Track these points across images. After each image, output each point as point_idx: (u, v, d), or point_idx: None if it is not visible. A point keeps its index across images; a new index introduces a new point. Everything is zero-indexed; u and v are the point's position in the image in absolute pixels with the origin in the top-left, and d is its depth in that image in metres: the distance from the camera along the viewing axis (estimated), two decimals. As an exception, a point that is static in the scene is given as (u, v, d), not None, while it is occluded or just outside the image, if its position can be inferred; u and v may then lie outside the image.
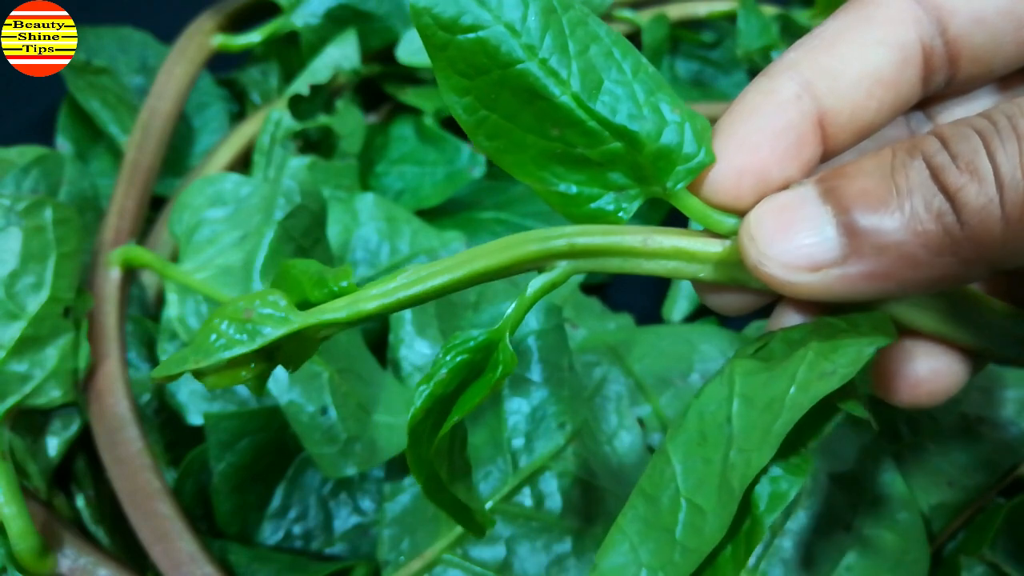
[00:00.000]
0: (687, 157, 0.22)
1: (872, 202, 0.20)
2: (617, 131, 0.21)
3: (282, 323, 0.21)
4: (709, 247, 0.22)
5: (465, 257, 0.22)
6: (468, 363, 0.22)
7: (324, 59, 0.48)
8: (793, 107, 0.23)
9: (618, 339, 0.40)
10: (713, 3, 0.55)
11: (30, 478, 0.35)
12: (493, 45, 0.21)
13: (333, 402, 0.35)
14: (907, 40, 0.24)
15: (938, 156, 0.20)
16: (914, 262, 0.20)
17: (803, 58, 0.23)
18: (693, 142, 0.22)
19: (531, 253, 0.22)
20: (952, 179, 0.19)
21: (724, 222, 0.22)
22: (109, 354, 0.38)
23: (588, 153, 0.22)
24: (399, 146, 0.52)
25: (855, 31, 0.24)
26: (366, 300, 0.21)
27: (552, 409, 0.34)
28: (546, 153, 0.22)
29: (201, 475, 0.37)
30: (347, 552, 0.37)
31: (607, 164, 0.22)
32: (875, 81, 0.23)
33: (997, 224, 0.19)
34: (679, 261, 0.22)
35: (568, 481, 0.34)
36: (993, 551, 0.32)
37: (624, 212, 0.23)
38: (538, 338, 0.35)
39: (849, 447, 0.36)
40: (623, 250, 0.22)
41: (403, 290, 0.21)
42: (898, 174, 0.20)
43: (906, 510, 0.34)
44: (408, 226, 0.44)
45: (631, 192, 0.22)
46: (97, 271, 0.40)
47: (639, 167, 0.22)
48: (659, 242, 0.22)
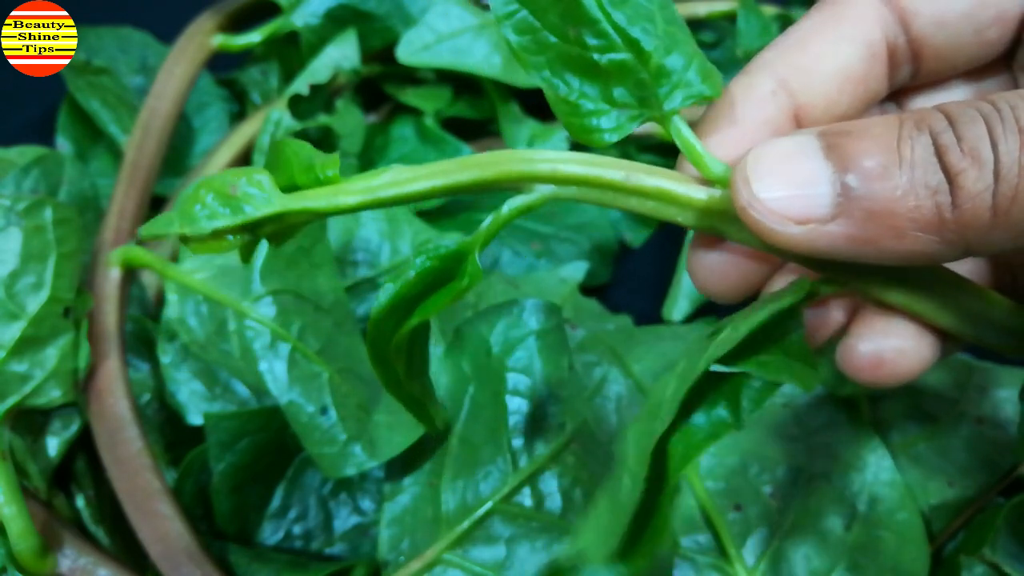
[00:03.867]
0: (689, 83, 0.23)
1: (874, 167, 0.20)
2: (628, 40, 0.22)
3: (264, 204, 0.22)
4: (693, 192, 0.23)
5: (451, 166, 0.22)
6: (436, 269, 0.23)
7: (324, 59, 0.48)
8: (770, 102, 0.24)
9: (617, 339, 0.40)
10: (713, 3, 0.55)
11: (30, 478, 0.35)
12: None
13: (333, 402, 0.35)
14: (874, 38, 0.25)
15: (944, 135, 0.20)
16: (898, 233, 0.20)
17: (778, 57, 0.24)
18: (697, 74, 0.23)
19: (514, 173, 0.23)
20: (955, 160, 0.20)
21: (713, 166, 0.23)
22: (109, 354, 0.38)
23: (599, 59, 0.22)
24: (399, 146, 0.52)
25: (826, 30, 0.25)
26: (347, 194, 0.22)
27: (552, 409, 0.34)
28: (563, 57, 0.23)
29: (201, 475, 0.37)
30: (347, 552, 0.37)
31: (614, 75, 0.23)
32: (845, 77, 0.24)
33: (986, 213, 0.20)
34: (661, 202, 0.23)
35: (568, 481, 0.34)
36: (993, 551, 0.32)
37: (620, 133, 0.23)
38: (538, 338, 0.35)
39: (849, 447, 0.36)
40: (605, 183, 0.23)
41: (385, 189, 0.22)
42: (904, 144, 0.20)
43: (906, 510, 0.34)
44: (409, 227, 0.44)
45: (631, 111, 0.23)
46: (97, 271, 0.40)
47: (642, 84, 0.23)
48: (641, 179, 0.23)
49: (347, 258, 0.43)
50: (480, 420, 0.35)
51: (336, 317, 0.38)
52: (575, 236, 0.49)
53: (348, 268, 0.43)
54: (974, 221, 0.20)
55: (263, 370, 0.35)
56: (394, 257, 0.43)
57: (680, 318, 0.46)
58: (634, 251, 0.52)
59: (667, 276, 0.48)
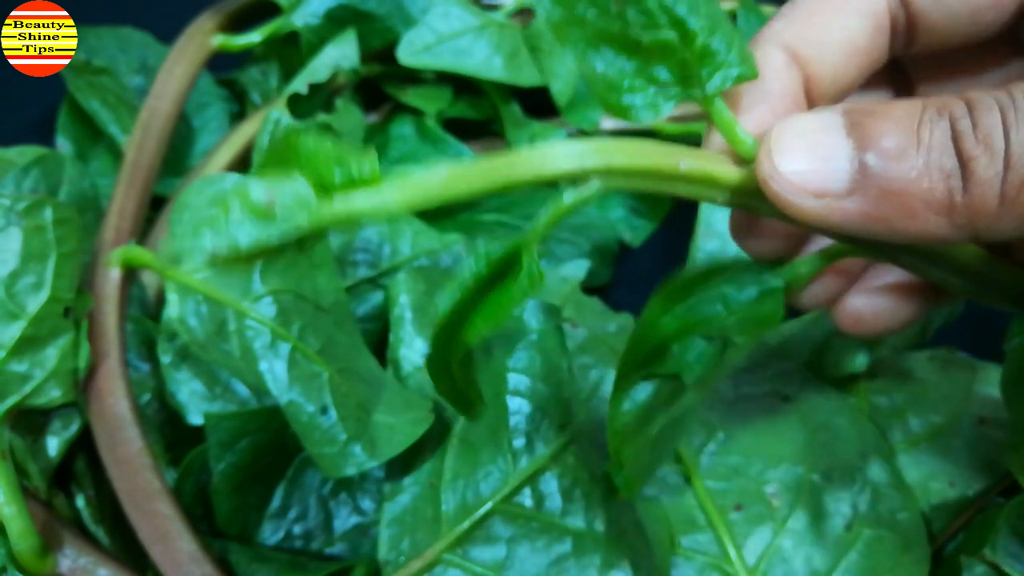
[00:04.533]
0: (730, 64, 0.23)
1: (893, 147, 0.21)
2: (674, 19, 0.22)
3: (308, 211, 0.20)
4: (733, 173, 0.23)
5: (502, 163, 0.21)
6: (491, 274, 0.22)
7: (323, 58, 0.48)
8: (784, 76, 0.24)
9: (619, 342, 0.40)
10: (713, 3, 0.55)
11: (30, 478, 0.35)
12: None
13: (333, 402, 0.35)
14: (880, 9, 0.25)
15: (962, 121, 0.20)
16: (910, 213, 0.21)
17: (787, 28, 0.25)
18: (737, 56, 0.23)
19: (567, 171, 0.22)
20: (969, 146, 0.20)
21: (747, 141, 0.23)
22: (109, 354, 0.38)
23: (641, 37, 0.22)
24: (399, 145, 0.52)
25: (833, 1, 0.25)
26: (395, 194, 0.20)
27: (553, 410, 0.34)
28: (601, 33, 0.22)
29: (201, 475, 0.37)
30: (347, 552, 0.37)
31: (656, 54, 0.22)
32: (853, 48, 0.25)
33: (994, 200, 0.20)
34: (703, 185, 0.23)
35: (568, 482, 0.34)
36: (994, 551, 0.32)
37: (655, 112, 0.23)
38: (539, 338, 0.35)
39: (849, 447, 0.36)
40: (659, 173, 0.23)
41: (436, 189, 0.21)
42: (923, 128, 0.21)
43: (906, 510, 0.34)
44: (409, 227, 0.43)
45: (671, 91, 0.23)
46: (97, 271, 0.40)
47: (685, 64, 0.22)
48: (691, 165, 0.23)
49: (347, 258, 0.43)
50: (480, 420, 0.35)
51: (336, 317, 0.38)
52: (575, 236, 0.49)
53: (348, 268, 0.43)
54: (983, 207, 0.20)
55: (263, 370, 0.35)
56: (394, 257, 0.43)
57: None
58: (634, 251, 0.52)
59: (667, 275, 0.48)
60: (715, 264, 0.26)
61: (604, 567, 0.33)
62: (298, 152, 0.21)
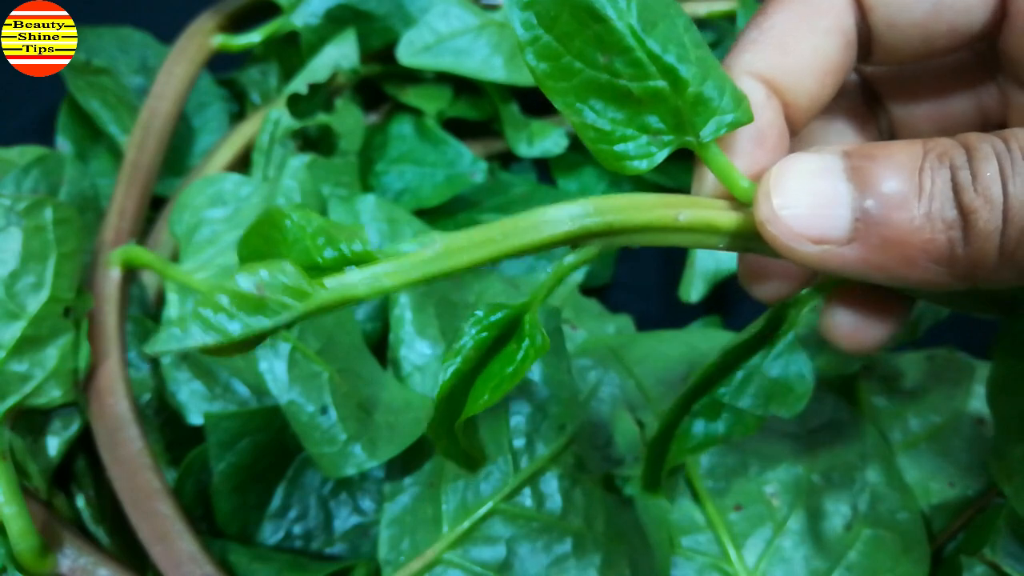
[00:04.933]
0: (725, 110, 0.22)
1: (895, 195, 0.20)
2: (664, 68, 0.22)
3: (301, 298, 0.19)
4: (733, 220, 0.23)
5: (499, 232, 0.21)
6: (493, 338, 0.22)
7: (323, 58, 0.48)
8: (768, 107, 0.24)
9: (618, 342, 0.40)
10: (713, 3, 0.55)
11: (30, 478, 0.35)
12: None
13: (333, 402, 0.35)
14: (848, 25, 0.25)
15: (962, 172, 0.20)
16: (911, 263, 0.21)
17: (758, 59, 0.24)
18: (730, 101, 0.22)
19: (565, 234, 0.22)
20: (969, 199, 0.20)
21: (744, 184, 0.23)
22: (109, 354, 0.38)
23: (632, 87, 0.22)
24: (398, 145, 0.52)
25: (803, 23, 0.24)
26: (388, 276, 0.20)
27: (553, 410, 0.34)
28: (590, 84, 0.22)
29: (201, 475, 0.37)
30: (347, 552, 0.37)
31: (647, 103, 0.22)
32: (826, 68, 0.25)
33: (994, 252, 0.20)
34: (702, 234, 0.23)
35: (568, 482, 0.34)
36: (993, 551, 0.32)
37: (650, 161, 0.23)
38: (538, 338, 0.35)
39: (849, 447, 0.36)
40: (658, 226, 0.22)
41: (429, 264, 0.21)
42: (924, 175, 0.20)
43: (906, 510, 0.34)
44: (409, 228, 0.43)
45: (664, 138, 0.23)
46: (97, 271, 0.40)
47: (678, 111, 0.22)
48: (690, 216, 0.22)
49: (347, 258, 0.43)
50: (481, 420, 0.35)
51: (336, 317, 0.38)
52: (575, 236, 0.49)
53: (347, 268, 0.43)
54: (983, 259, 0.20)
55: (263, 370, 0.35)
56: (394, 257, 0.43)
57: (697, 299, 0.46)
58: (634, 251, 0.52)
59: (667, 276, 0.48)
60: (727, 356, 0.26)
61: (604, 567, 0.33)
62: (284, 232, 0.20)
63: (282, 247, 0.20)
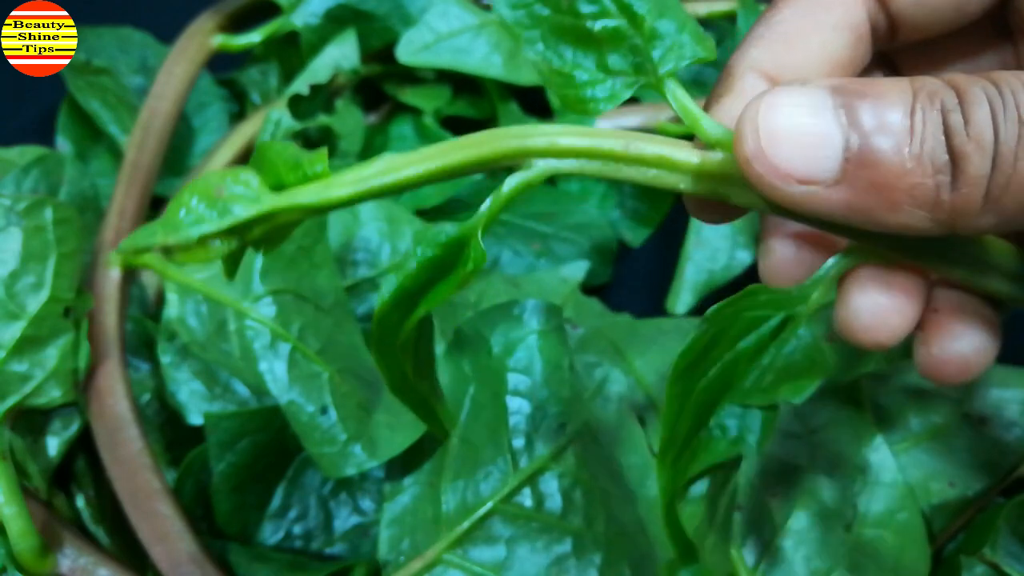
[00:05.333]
0: (682, 45, 0.22)
1: (887, 137, 0.20)
2: (621, 5, 0.22)
3: (252, 203, 0.21)
4: (692, 157, 0.22)
5: (443, 148, 0.22)
6: (438, 258, 0.22)
7: (324, 59, 0.48)
8: None
9: (619, 334, 0.40)
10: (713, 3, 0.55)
11: (30, 478, 0.35)
12: None
13: (333, 402, 0.35)
14: (859, 20, 0.24)
15: (953, 115, 0.19)
16: (894, 207, 0.20)
17: (764, 56, 0.24)
18: (690, 38, 0.22)
19: (509, 149, 0.22)
20: (960, 143, 0.19)
21: (711, 128, 0.22)
22: (109, 354, 0.38)
23: (593, 27, 0.23)
24: (398, 145, 0.52)
25: (811, 18, 0.24)
26: (337, 186, 0.21)
27: (553, 410, 0.34)
28: (557, 28, 0.23)
29: (201, 475, 0.37)
30: (347, 552, 0.37)
31: (608, 42, 0.23)
32: (834, 65, 0.24)
33: (979, 199, 0.19)
34: (661, 169, 0.22)
35: (568, 482, 0.34)
36: (993, 551, 0.32)
37: (614, 101, 0.23)
38: (539, 338, 0.35)
39: (850, 446, 0.36)
40: (603, 153, 0.22)
41: (376, 178, 0.21)
42: (916, 116, 0.20)
43: (906, 510, 0.34)
44: (409, 227, 0.43)
45: (627, 79, 0.23)
46: (97, 271, 0.40)
47: (637, 50, 0.23)
48: (640, 148, 0.22)
49: (347, 258, 0.43)
50: (481, 420, 0.35)
51: (336, 317, 0.38)
52: (575, 236, 0.49)
53: (348, 268, 0.43)
54: (967, 206, 0.20)
55: (263, 370, 0.35)
56: (394, 257, 0.43)
57: (684, 310, 0.46)
58: (634, 251, 0.52)
59: (667, 275, 0.48)
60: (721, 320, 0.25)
61: (604, 567, 0.33)
62: (261, 157, 0.22)
63: (261, 171, 0.21)
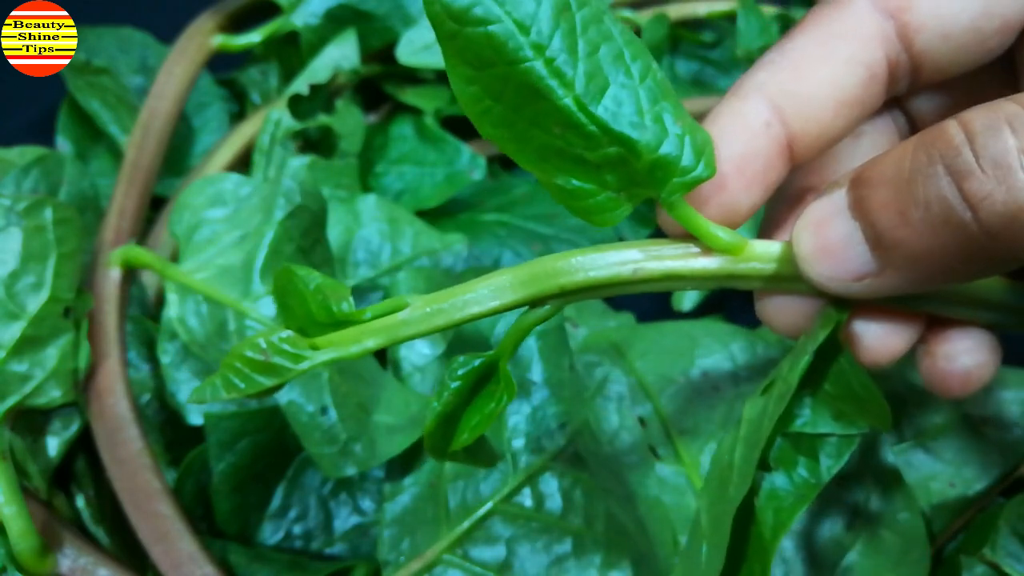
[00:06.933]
0: (684, 170, 0.22)
1: (893, 217, 0.20)
2: (616, 137, 0.21)
3: (297, 360, 0.22)
4: (701, 264, 0.23)
5: (460, 302, 0.23)
6: (468, 386, 0.24)
7: (324, 59, 0.48)
8: (763, 135, 0.23)
9: (620, 336, 0.40)
10: (713, 3, 0.55)
11: (30, 478, 0.35)
12: (501, 40, 0.20)
13: (333, 402, 0.35)
14: (875, 58, 0.24)
15: (959, 159, 0.19)
16: (947, 269, 0.20)
17: (771, 80, 0.23)
18: (692, 156, 0.22)
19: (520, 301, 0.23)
20: (975, 187, 0.18)
21: (719, 236, 0.23)
22: (109, 354, 0.38)
23: (586, 155, 0.22)
24: (398, 146, 0.52)
25: (823, 49, 0.24)
26: (371, 336, 0.23)
27: (553, 409, 0.34)
28: (548, 147, 0.22)
29: (201, 475, 0.37)
30: (347, 552, 0.37)
31: (604, 167, 0.22)
32: (842, 102, 0.23)
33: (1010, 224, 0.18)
34: (669, 282, 0.23)
35: (568, 482, 0.34)
36: (994, 551, 0.32)
37: (621, 211, 0.22)
38: (539, 338, 0.35)
39: (849, 447, 0.36)
40: (614, 284, 0.23)
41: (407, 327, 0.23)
42: (915, 183, 0.19)
43: (906, 510, 0.34)
44: (410, 227, 0.43)
45: (630, 193, 0.22)
46: (97, 271, 0.40)
47: (635, 173, 0.22)
48: (649, 270, 0.23)
49: (347, 258, 0.43)
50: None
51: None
52: (575, 237, 0.49)
53: (348, 268, 0.43)
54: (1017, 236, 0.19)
55: (263, 370, 0.35)
56: (395, 257, 0.43)
57: (690, 307, 0.46)
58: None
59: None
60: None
61: (604, 567, 0.33)
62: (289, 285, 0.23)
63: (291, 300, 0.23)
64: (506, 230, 0.48)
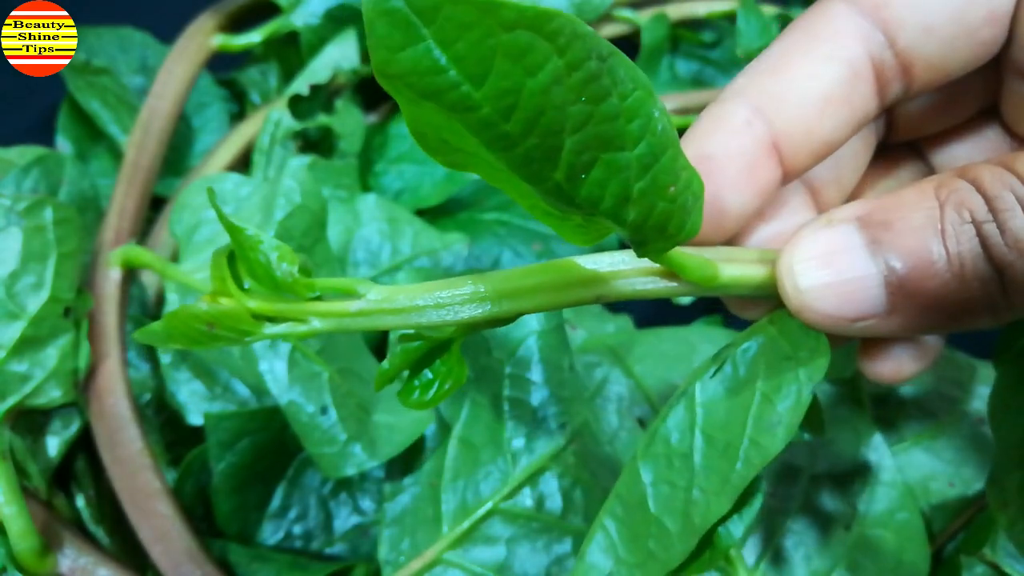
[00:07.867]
0: (673, 234, 0.20)
1: (923, 266, 0.20)
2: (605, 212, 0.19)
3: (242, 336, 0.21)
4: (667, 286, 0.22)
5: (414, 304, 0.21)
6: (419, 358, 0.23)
7: (324, 59, 0.48)
8: (744, 133, 0.23)
9: (618, 340, 0.40)
10: (713, 3, 0.55)
11: (30, 478, 0.35)
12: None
13: (333, 402, 0.35)
14: (855, 55, 0.23)
15: (987, 226, 0.19)
16: (954, 319, 0.20)
17: (750, 83, 0.23)
18: (680, 221, 0.20)
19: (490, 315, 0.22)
20: (1001, 255, 0.19)
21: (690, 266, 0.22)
22: (109, 354, 0.38)
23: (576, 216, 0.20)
24: (398, 145, 0.52)
25: (801, 50, 0.24)
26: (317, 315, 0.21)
27: (552, 410, 0.34)
28: (537, 203, 0.20)
29: (201, 475, 0.37)
30: (347, 552, 0.37)
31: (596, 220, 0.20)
32: (825, 99, 0.23)
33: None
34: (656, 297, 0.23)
35: (568, 482, 0.34)
36: (993, 551, 0.32)
37: (597, 236, 0.21)
38: (539, 338, 0.35)
39: (850, 446, 0.36)
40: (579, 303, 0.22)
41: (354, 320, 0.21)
42: (949, 238, 0.20)
43: (907, 510, 0.34)
44: (410, 227, 0.43)
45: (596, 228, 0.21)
46: (97, 271, 0.40)
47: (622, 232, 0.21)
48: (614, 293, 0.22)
49: (347, 258, 0.43)
50: (480, 420, 0.35)
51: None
52: (575, 236, 0.49)
53: (348, 268, 0.43)
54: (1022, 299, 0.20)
55: (263, 370, 0.35)
56: (395, 257, 0.43)
57: (689, 300, 0.46)
58: (634, 251, 0.52)
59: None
60: None
61: (604, 567, 0.33)
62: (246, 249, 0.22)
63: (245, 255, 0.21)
64: (506, 229, 0.48)
